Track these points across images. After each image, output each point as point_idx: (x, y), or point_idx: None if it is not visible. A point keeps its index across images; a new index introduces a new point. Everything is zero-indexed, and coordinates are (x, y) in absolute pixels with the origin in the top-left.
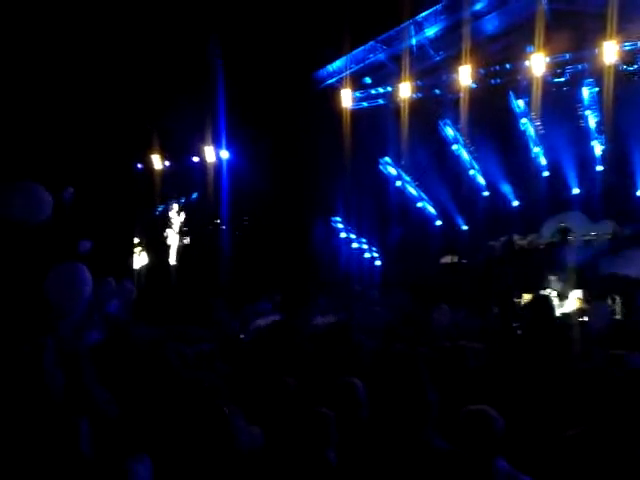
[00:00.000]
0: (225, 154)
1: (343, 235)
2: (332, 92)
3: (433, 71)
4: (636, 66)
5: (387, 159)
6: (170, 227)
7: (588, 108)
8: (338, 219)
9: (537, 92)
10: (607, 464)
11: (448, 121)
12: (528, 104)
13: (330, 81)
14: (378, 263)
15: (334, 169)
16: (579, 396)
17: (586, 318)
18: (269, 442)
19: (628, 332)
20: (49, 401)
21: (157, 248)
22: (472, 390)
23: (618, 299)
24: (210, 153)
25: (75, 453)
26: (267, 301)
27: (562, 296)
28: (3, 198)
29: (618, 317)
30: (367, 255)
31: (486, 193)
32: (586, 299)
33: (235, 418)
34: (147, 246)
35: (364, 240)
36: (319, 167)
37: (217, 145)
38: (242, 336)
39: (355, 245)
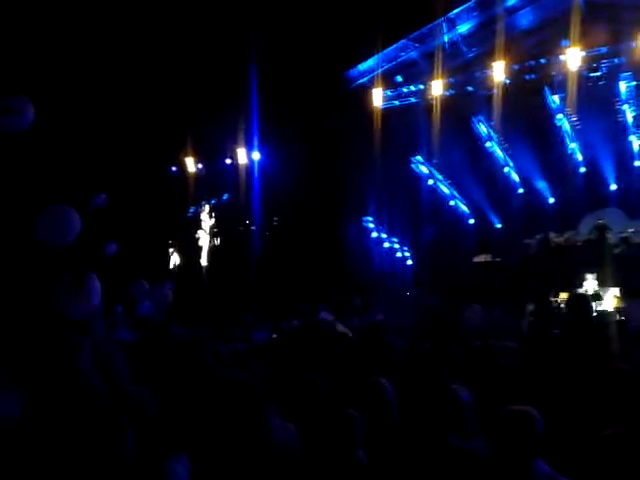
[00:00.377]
0: (257, 155)
1: (374, 235)
2: (363, 91)
3: (466, 68)
4: None
5: (419, 158)
6: (202, 228)
7: (625, 102)
8: (369, 219)
9: (573, 87)
10: None
11: (481, 118)
12: (564, 99)
13: (361, 80)
14: (410, 263)
15: (365, 168)
16: (617, 395)
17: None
18: (301, 440)
19: None
20: (91, 401)
21: (189, 249)
22: (505, 389)
23: None
24: (242, 155)
25: (121, 452)
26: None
27: (599, 294)
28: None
29: None
30: (399, 255)
31: (521, 190)
32: (624, 297)
33: (270, 416)
34: (179, 247)
35: (395, 240)
36: (350, 167)
37: (249, 147)
38: (274, 336)
39: (387, 245)
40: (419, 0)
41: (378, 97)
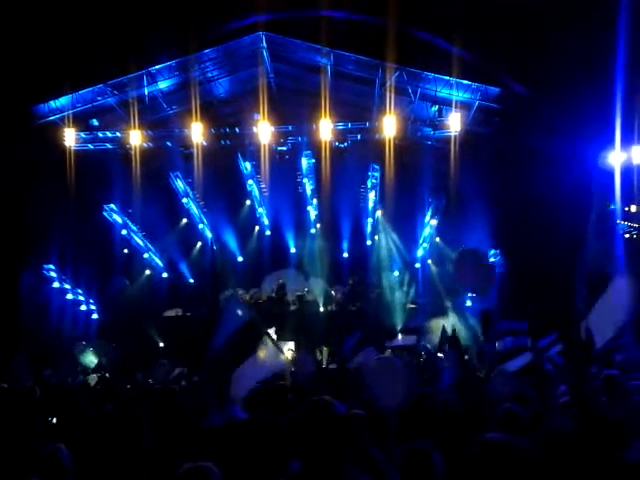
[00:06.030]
0: None
1: (56, 285)
2: (54, 129)
3: (165, 123)
4: (346, 144)
5: (113, 206)
6: None
7: (306, 176)
8: (51, 267)
9: (263, 157)
10: None
11: (179, 174)
12: (255, 167)
13: (52, 118)
14: (95, 316)
15: (51, 211)
16: None
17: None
18: None
19: (331, 379)
20: None
21: None
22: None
23: (325, 349)
24: None
25: None
26: None
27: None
28: None
29: (324, 365)
30: (83, 307)
31: (214, 247)
32: (296, 349)
33: None
34: None
35: (80, 291)
36: (33, 207)
37: None
38: None
39: (70, 296)
40: (120, 48)
41: (70, 137)
